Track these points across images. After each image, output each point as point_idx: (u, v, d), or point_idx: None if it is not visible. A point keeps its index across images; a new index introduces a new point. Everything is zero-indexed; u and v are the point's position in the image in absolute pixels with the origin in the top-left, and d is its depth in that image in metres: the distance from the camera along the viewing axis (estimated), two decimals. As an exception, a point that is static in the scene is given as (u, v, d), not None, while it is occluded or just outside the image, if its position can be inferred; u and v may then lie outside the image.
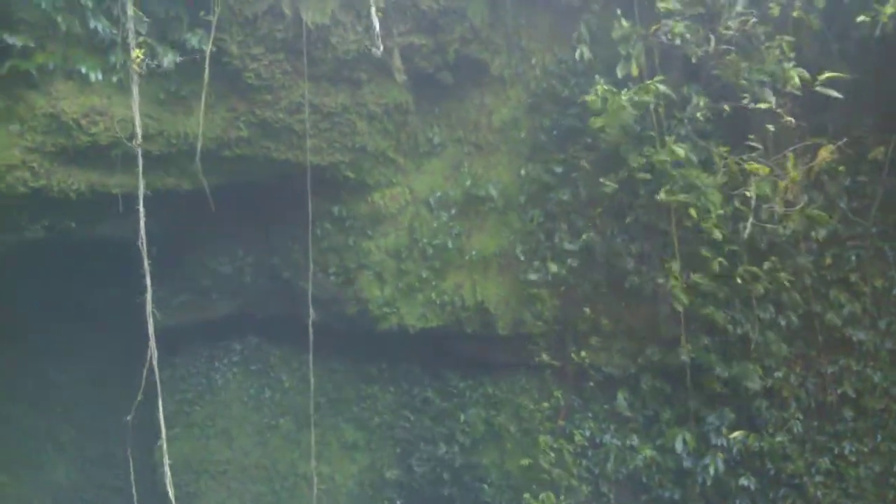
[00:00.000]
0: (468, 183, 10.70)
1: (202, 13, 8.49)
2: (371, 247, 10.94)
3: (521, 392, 11.18)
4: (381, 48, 8.87)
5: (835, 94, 8.97)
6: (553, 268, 10.42)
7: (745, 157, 9.43)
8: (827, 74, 8.97)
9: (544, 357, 10.78)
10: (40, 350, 12.89)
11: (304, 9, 8.83)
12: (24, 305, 11.89)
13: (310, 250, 10.15)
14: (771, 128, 9.29)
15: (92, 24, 8.10)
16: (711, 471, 9.98)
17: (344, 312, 11.19)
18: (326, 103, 9.69)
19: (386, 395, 12.11)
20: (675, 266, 9.69)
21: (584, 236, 10.32)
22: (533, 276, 10.59)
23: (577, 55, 10.02)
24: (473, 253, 10.75)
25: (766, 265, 9.62)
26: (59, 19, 7.98)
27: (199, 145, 8.92)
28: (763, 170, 9.33)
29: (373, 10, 8.71)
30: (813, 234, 9.78)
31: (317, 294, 11.35)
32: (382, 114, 10.17)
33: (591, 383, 10.77)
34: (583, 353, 10.58)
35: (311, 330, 9.48)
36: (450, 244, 10.71)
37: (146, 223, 8.18)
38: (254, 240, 11.64)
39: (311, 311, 9.56)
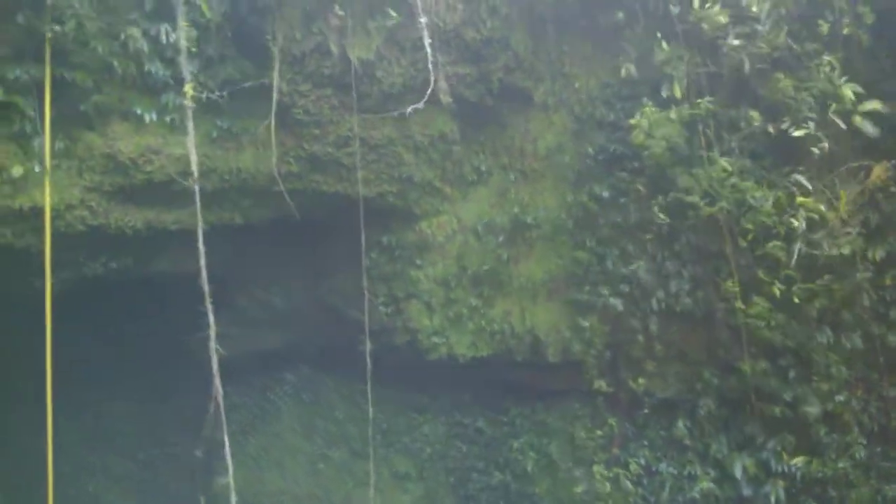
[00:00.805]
0: (515, 210, 10.71)
1: (257, 52, 8.74)
2: (419, 276, 10.99)
3: (574, 420, 11.03)
4: (433, 82, 8.97)
5: (870, 129, 8.81)
6: (603, 293, 10.32)
7: (796, 176, 9.26)
8: (868, 106, 8.80)
9: (597, 384, 10.64)
10: (95, 384, 13.16)
11: (350, 46, 9.03)
12: (80, 340, 12.19)
13: (364, 280, 10.20)
14: (821, 147, 9.10)
15: (147, 66, 8.41)
16: (773, 499, 9.67)
17: (393, 342, 11.23)
18: (373, 136, 9.85)
19: (437, 424, 12.06)
20: (734, 288, 9.50)
21: (634, 261, 10.22)
22: (583, 303, 10.49)
23: (622, 73, 10.00)
24: (522, 280, 10.73)
25: (822, 283, 9.38)
26: (116, 63, 8.31)
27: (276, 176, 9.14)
28: (815, 190, 9.15)
29: (426, 41, 8.80)
30: (870, 253, 9.51)
31: (365, 324, 11.45)
32: (428, 144, 10.29)
33: (646, 410, 10.57)
34: (638, 380, 10.40)
35: (368, 361, 9.49)
36: (498, 271, 10.70)
37: (198, 256, 8.36)
38: (304, 271, 11.79)
39: (368, 341, 9.57)
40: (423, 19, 8.79)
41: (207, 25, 8.50)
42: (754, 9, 8.97)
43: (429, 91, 9.01)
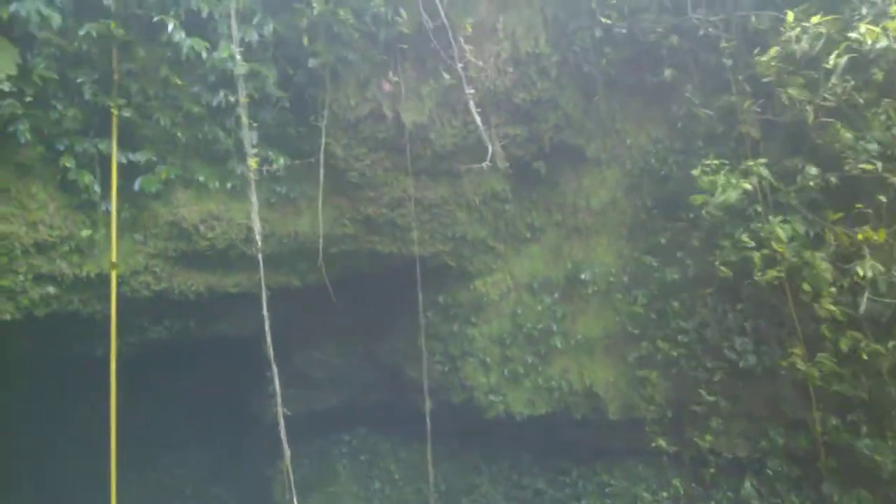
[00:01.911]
0: (569, 266, 10.68)
1: (312, 118, 9.01)
2: (475, 334, 10.97)
3: (638, 481, 10.73)
4: (490, 151, 9.11)
5: None
6: (663, 349, 10.13)
7: (857, 228, 9.03)
8: None
9: (660, 442, 10.35)
10: (158, 446, 13.36)
11: (403, 110, 9.23)
12: (144, 403, 12.45)
13: (422, 339, 10.22)
14: (882, 198, 8.89)
15: (208, 136, 8.73)
16: (850, 560, 9.22)
17: (450, 400, 11.16)
18: (427, 196, 9.98)
19: (496, 485, 11.87)
20: (798, 346, 9.24)
21: (694, 316, 10.03)
22: (642, 359, 10.31)
23: (676, 127, 9.98)
24: (579, 336, 10.61)
25: (891, 343, 9.02)
26: (179, 134, 8.64)
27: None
28: (879, 237, 8.89)
29: (471, 105, 8.96)
30: (941, 304, 9.15)
31: (422, 382, 11.43)
32: (481, 203, 10.38)
33: (713, 469, 10.22)
34: (703, 438, 10.09)
35: (428, 421, 9.44)
36: (554, 328, 10.63)
37: (258, 319, 8.50)
38: (361, 331, 11.88)
39: (428, 401, 9.54)
40: (470, 90, 8.92)
41: (266, 96, 8.79)
42: (831, 60, 8.87)
43: (488, 155, 9.11)
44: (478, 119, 8.94)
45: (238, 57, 8.17)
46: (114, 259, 8.44)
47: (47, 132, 8.03)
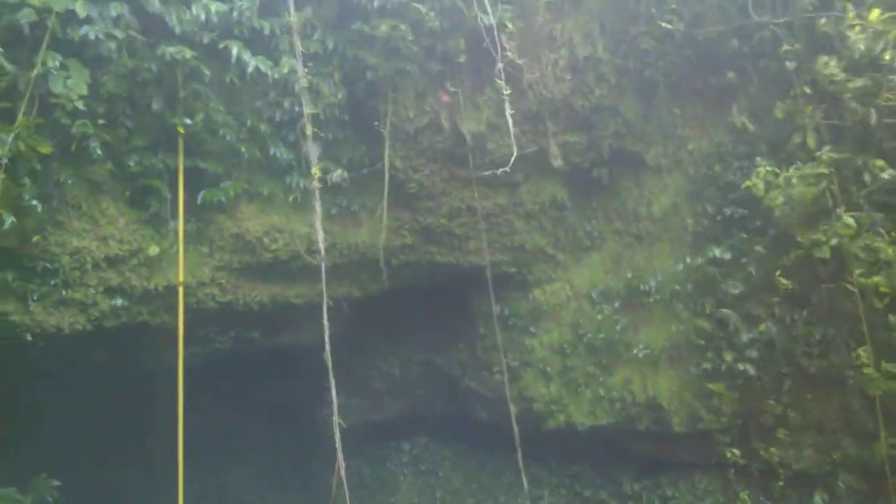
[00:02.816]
0: (630, 275, 10.53)
1: (374, 125, 9.10)
2: (534, 344, 10.90)
3: (704, 494, 10.48)
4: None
5: None
6: (729, 359, 9.89)
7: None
8: None
9: (727, 455, 10.11)
10: (223, 452, 13.59)
11: (461, 120, 9.26)
12: (209, 411, 12.70)
13: (501, 348, 10.23)
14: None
15: (271, 150, 8.91)
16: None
17: (510, 411, 11.09)
18: (485, 206, 9.97)
19: (558, 497, 11.73)
20: (867, 353, 8.92)
21: (761, 325, 9.78)
22: (707, 369, 10.09)
23: (738, 131, 9.78)
24: (641, 346, 10.43)
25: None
26: (243, 149, 8.83)
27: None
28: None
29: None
30: None
31: (482, 392, 11.41)
32: (539, 211, 10.33)
33: (781, 483, 9.95)
34: (771, 450, 9.82)
35: (516, 430, 9.41)
36: (615, 338, 10.49)
37: (320, 329, 8.61)
38: (420, 341, 11.92)
39: (512, 408, 9.47)
40: (509, 111, 8.90)
41: (326, 110, 8.92)
42: (886, 57, 8.60)
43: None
44: (511, 129, 8.87)
45: (300, 72, 8.31)
46: (181, 272, 8.65)
47: (117, 149, 8.29)
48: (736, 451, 10.11)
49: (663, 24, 9.59)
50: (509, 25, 8.99)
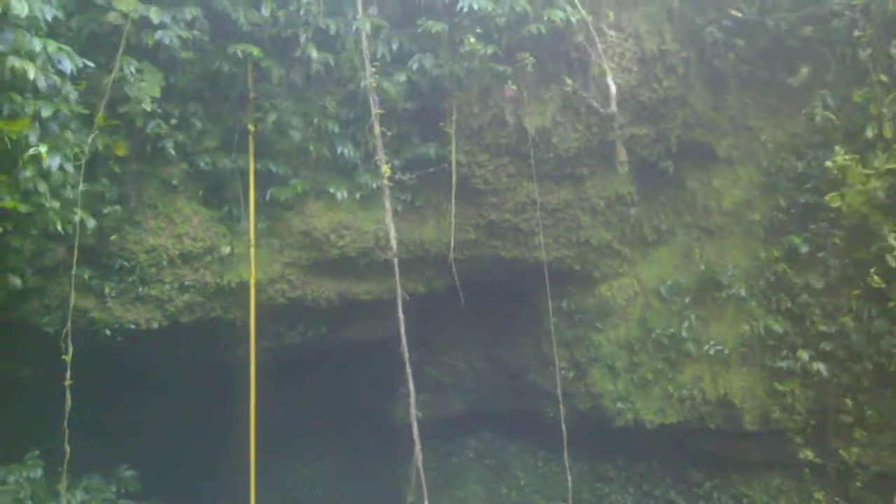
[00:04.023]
0: (701, 269, 10.31)
1: (440, 124, 9.15)
2: (601, 339, 10.78)
3: (778, 494, 10.22)
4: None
5: None
6: (804, 356, 9.60)
7: None
8: None
9: (802, 454, 9.83)
10: (293, 446, 13.83)
11: (525, 115, 9.20)
12: (279, 405, 12.92)
13: (554, 347, 10.16)
14: None
15: (338, 149, 9.02)
16: None
17: (577, 408, 11.00)
18: (550, 201, 9.91)
19: (625, 495, 11.58)
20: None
21: (838, 320, 9.46)
22: (781, 367, 9.82)
23: (815, 122, 9.50)
24: (712, 343, 10.22)
25: None
26: (311, 147, 8.98)
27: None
28: None
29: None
30: None
31: (548, 389, 11.33)
32: (605, 206, 10.20)
33: (859, 483, 9.62)
34: (848, 450, 9.51)
35: (564, 429, 9.36)
36: (685, 334, 10.29)
37: (389, 325, 8.69)
38: (485, 336, 11.90)
39: (562, 408, 9.43)
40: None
41: (392, 108, 8.99)
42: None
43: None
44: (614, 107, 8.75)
45: (368, 71, 8.39)
46: (252, 268, 8.85)
47: (190, 150, 8.53)
48: (811, 451, 9.83)
49: (733, 13, 9.35)
50: (574, 19, 8.89)
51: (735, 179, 10.31)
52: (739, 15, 9.33)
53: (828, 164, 9.11)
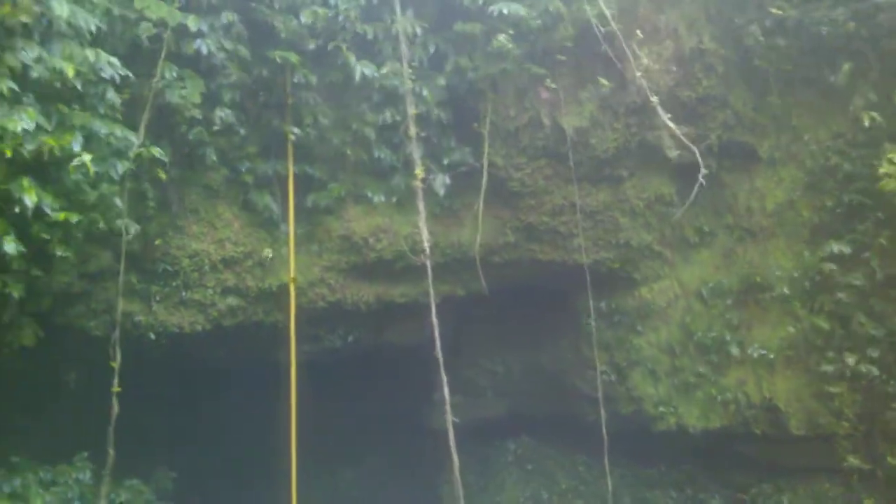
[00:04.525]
0: (744, 271, 10.14)
1: (475, 126, 9.16)
2: (642, 342, 10.65)
3: (825, 500, 9.97)
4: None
5: None
6: (851, 360, 9.39)
7: None
8: None
9: (850, 460, 9.59)
10: (332, 450, 13.91)
11: (562, 115, 9.16)
12: (319, 410, 13.02)
13: (594, 350, 10.10)
14: None
15: (376, 153, 9.09)
16: None
17: (618, 411, 10.89)
18: (588, 202, 9.84)
19: (667, 500, 11.40)
20: None
21: (885, 322, 9.23)
22: (828, 370, 9.61)
23: (863, 122, 9.29)
24: (755, 346, 10.02)
25: None
26: (349, 152, 9.06)
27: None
28: None
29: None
30: None
31: (588, 392, 11.23)
32: (645, 207, 10.08)
33: (910, 491, 9.37)
34: (899, 456, 9.28)
35: (605, 435, 9.29)
36: (728, 337, 10.11)
37: (426, 328, 8.71)
38: (524, 339, 11.86)
39: (603, 412, 9.36)
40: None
41: (428, 111, 9.03)
42: None
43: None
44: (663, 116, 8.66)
45: (405, 76, 8.45)
46: (293, 273, 8.95)
47: (231, 156, 8.67)
48: (859, 457, 9.58)
49: (773, 11, 9.20)
50: (611, 19, 8.84)
51: (778, 180, 10.11)
52: (780, 13, 9.18)
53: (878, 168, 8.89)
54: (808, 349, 9.88)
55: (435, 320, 8.26)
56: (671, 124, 8.85)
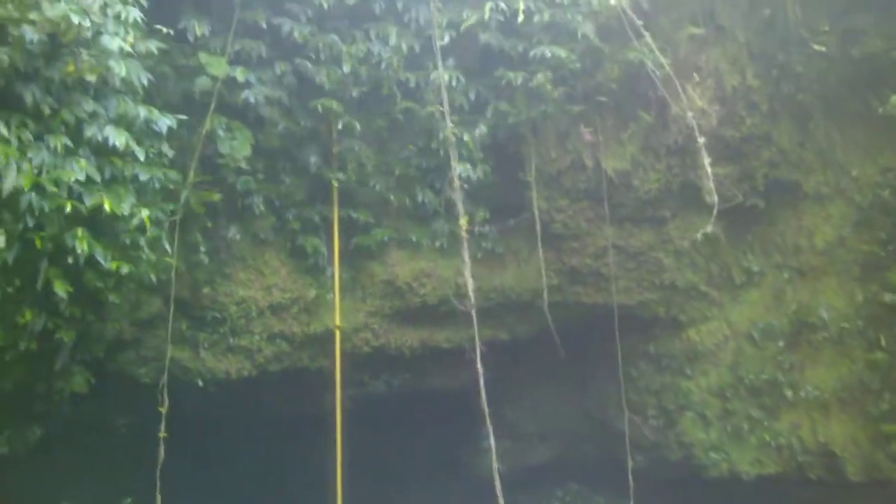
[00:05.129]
0: (794, 311, 9.95)
1: (518, 173, 9.22)
2: (691, 386, 10.44)
3: (886, 549, 9.60)
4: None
5: None
6: (911, 401, 9.10)
7: None
8: None
9: (913, 507, 9.25)
10: (376, 496, 13.76)
11: (604, 157, 9.17)
12: (363, 455, 12.93)
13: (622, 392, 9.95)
14: None
15: (419, 197, 9.17)
16: None
17: (667, 457, 10.65)
18: (632, 244, 9.80)
19: (721, 549, 11.05)
20: None
21: (947, 361, 8.96)
22: (885, 411, 9.29)
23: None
24: (809, 388, 9.78)
25: None
26: (392, 197, 9.15)
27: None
28: None
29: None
30: None
31: (635, 438, 11.00)
32: (690, 247, 9.97)
33: (977, 538, 8.95)
34: (967, 503, 8.90)
35: (630, 480, 9.06)
36: (780, 379, 9.89)
37: (470, 373, 8.64)
38: (570, 383, 11.70)
39: (630, 457, 9.24)
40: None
41: (471, 155, 9.10)
42: None
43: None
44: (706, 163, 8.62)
45: (447, 125, 8.55)
46: (337, 320, 9.00)
47: (277, 203, 8.82)
48: (924, 503, 9.23)
49: (816, 47, 9.15)
50: (650, 61, 8.87)
51: (826, 217, 9.95)
52: (823, 49, 9.12)
53: None
54: (863, 390, 9.60)
55: (480, 369, 8.19)
56: (709, 168, 8.76)
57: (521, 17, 8.63)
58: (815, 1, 9.10)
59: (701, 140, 8.66)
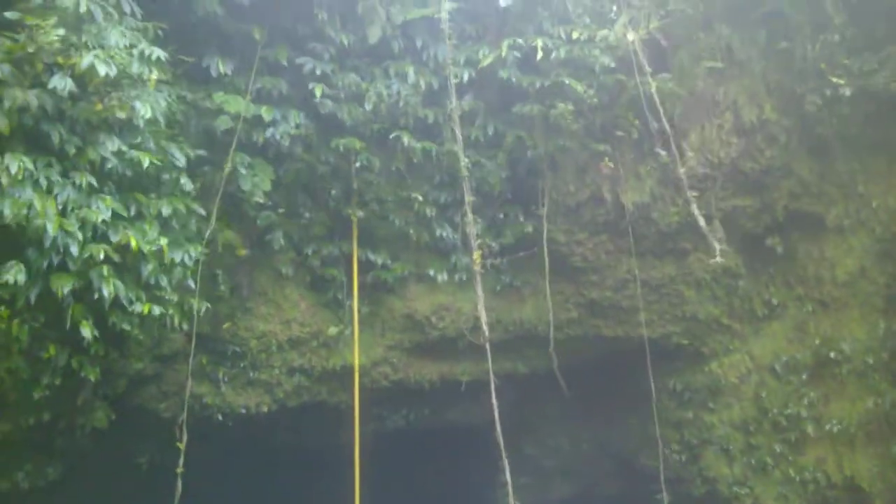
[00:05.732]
0: (817, 344, 9.84)
1: (534, 207, 9.23)
2: (714, 420, 10.31)
3: (917, 587, 9.37)
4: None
5: None
6: (940, 436, 8.94)
7: None
8: None
9: (944, 544, 9.04)
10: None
11: (623, 191, 9.18)
12: (380, 491, 12.82)
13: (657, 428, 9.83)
14: None
15: (437, 232, 9.20)
16: None
17: (691, 492, 10.50)
18: (653, 276, 9.74)
19: (747, 588, 10.82)
20: None
21: (975, 396, 8.81)
22: (914, 446, 9.15)
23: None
24: (834, 421, 9.65)
25: None
26: (411, 231, 9.19)
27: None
28: None
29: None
30: None
31: (657, 473, 10.86)
32: (711, 280, 9.92)
33: None
34: None
35: None
36: (804, 413, 9.77)
37: (489, 407, 8.58)
38: (590, 417, 11.59)
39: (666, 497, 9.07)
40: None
41: (489, 190, 9.15)
42: None
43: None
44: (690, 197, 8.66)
45: (462, 161, 8.60)
46: (356, 356, 9.01)
47: (297, 239, 8.88)
48: (956, 541, 9.01)
49: (834, 80, 9.14)
50: (668, 95, 8.90)
51: (848, 249, 9.87)
52: (841, 82, 9.11)
53: None
54: (890, 423, 9.49)
55: (495, 403, 8.14)
56: (703, 223, 8.79)
57: (539, 55, 8.70)
58: (833, 34, 9.09)
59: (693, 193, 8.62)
